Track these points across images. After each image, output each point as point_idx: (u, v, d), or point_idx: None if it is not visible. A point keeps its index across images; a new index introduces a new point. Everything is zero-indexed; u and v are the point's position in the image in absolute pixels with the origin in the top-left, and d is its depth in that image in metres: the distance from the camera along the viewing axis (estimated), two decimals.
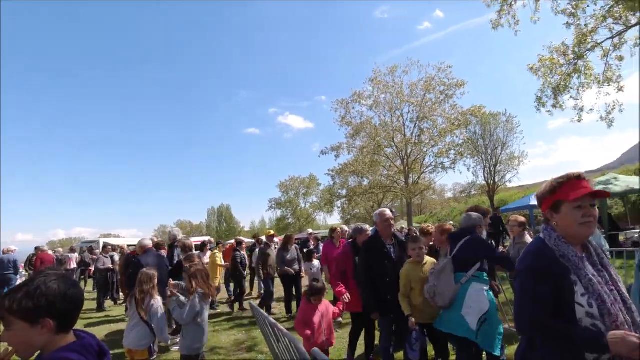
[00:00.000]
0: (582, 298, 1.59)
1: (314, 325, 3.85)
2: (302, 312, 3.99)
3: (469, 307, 3.22)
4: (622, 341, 1.46)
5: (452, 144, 23.05)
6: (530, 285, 1.71)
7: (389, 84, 23.73)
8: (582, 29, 11.65)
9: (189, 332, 3.79)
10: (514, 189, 35.99)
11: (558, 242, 1.70)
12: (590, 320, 1.56)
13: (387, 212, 4.23)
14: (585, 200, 1.67)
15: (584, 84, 12.31)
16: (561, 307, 1.62)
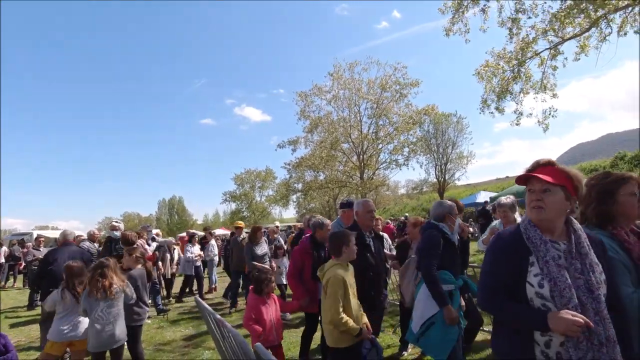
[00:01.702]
0: (534, 278, 1.63)
1: (265, 322, 3.69)
2: (250, 308, 3.78)
3: (417, 309, 3.07)
4: (559, 318, 1.51)
5: (407, 141, 23.89)
6: (487, 265, 1.82)
7: (348, 79, 24.03)
8: (523, 39, 12.44)
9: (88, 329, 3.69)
10: (462, 186, 37.88)
11: (527, 226, 1.73)
12: (541, 300, 1.60)
13: (371, 203, 3.89)
14: (535, 185, 1.71)
15: (523, 90, 13.18)
16: (517, 286, 1.67)
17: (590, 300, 1.57)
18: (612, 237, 1.90)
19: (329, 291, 2.92)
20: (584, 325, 1.48)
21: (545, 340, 1.61)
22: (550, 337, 1.59)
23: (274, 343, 3.76)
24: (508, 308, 1.67)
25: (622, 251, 1.85)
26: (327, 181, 26.25)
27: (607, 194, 1.96)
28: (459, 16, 13.00)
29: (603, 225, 1.94)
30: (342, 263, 3.06)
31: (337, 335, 2.97)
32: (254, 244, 7.17)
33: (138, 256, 4.43)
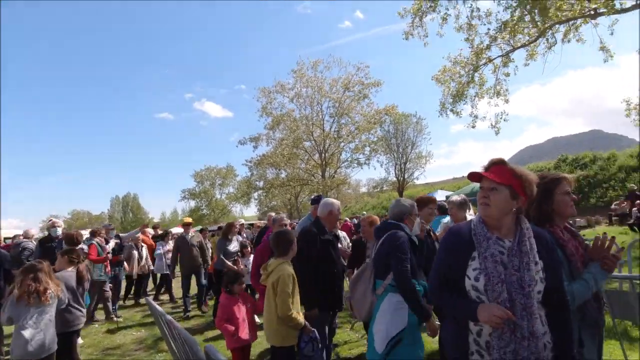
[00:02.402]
0: (473, 272, 1.71)
1: (238, 321, 3.62)
2: (222, 308, 3.69)
3: (380, 324, 2.71)
4: (485, 310, 1.61)
5: (368, 140, 24.30)
6: (437, 259, 1.91)
7: (311, 77, 24.05)
8: (478, 45, 13.04)
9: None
10: (421, 185, 39.13)
11: (477, 222, 1.81)
12: (476, 293, 1.70)
13: (338, 203, 3.91)
14: (485, 183, 1.80)
15: (478, 94, 13.83)
16: (459, 279, 1.76)
17: (520, 296, 1.65)
18: (549, 233, 1.98)
19: (280, 287, 2.95)
20: (505, 318, 1.57)
21: (478, 329, 1.72)
22: (481, 327, 1.70)
23: (247, 342, 3.70)
24: (449, 299, 1.79)
25: (557, 247, 1.95)
26: (288, 179, 26.15)
27: (547, 194, 2.07)
28: (418, 21, 13.40)
29: (542, 223, 2.04)
30: (287, 261, 3.10)
31: (285, 333, 2.99)
32: (227, 240, 6.81)
33: (73, 257, 4.11)
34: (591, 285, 1.90)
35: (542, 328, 1.67)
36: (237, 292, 3.78)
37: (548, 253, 1.78)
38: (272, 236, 3.39)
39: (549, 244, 1.82)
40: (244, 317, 3.71)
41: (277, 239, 3.18)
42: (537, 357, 1.62)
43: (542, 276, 1.71)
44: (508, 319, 1.58)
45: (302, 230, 3.82)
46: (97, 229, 7.52)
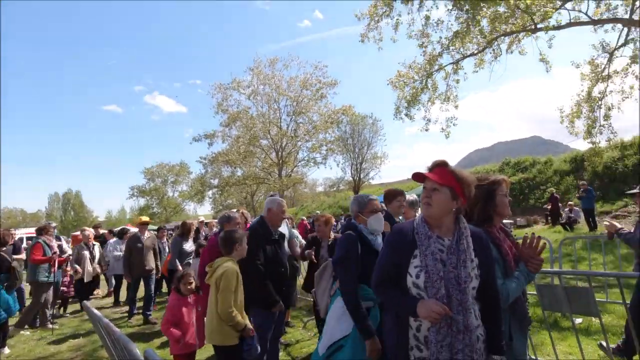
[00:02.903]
0: (414, 269, 1.79)
1: (186, 325, 3.45)
2: (170, 310, 3.49)
3: (327, 325, 2.60)
4: (423, 305, 1.68)
5: (325, 140, 24.46)
6: (381, 255, 1.96)
7: (268, 75, 23.80)
8: (431, 52, 13.58)
9: None
10: (376, 185, 40.08)
11: (419, 221, 1.88)
12: (416, 289, 1.77)
13: (284, 203, 3.86)
14: (428, 183, 1.87)
15: (431, 99, 14.40)
16: (401, 275, 1.82)
17: (457, 292, 1.73)
18: (486, 233, 2.07)
19: (223, 284, 2.87)
20: (442, 314, 1.64)
21: (417, 325, 1.78)
22: (420, 322, 1.76)
23: (194, 349, 3.55)
24: (391, 295, 1.86)
25: (493, 247, 2.06)
26: (244, 177, 25.67)
27: (489, 195, 2.18)
28: (374, 24, 13.69)
29: (481, 223, 2.14)
30: (233, 259, 3.05)
31: (225, 332, 2.91)
32: (184, 240, 6.52)
33: None
34: (523, 282, 2.03)
35: (476, 322, 1.77)
36: (186, 292, 3.61)
37: (483, 251, 1.88)
38: (220, 235, 3.32)
39: (484, 243, 1.92)
40: (193, 321, 3.54)
41: (223, 238, 3.13)
42: (471, 349, 1.72)
43: (477, 273, 1.80)
44: (445, 314, 1.65)
45: (250, 229, 3.74)
46: (46, 226, 6.88)
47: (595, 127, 12.77)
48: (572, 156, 20.14)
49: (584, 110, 13.06)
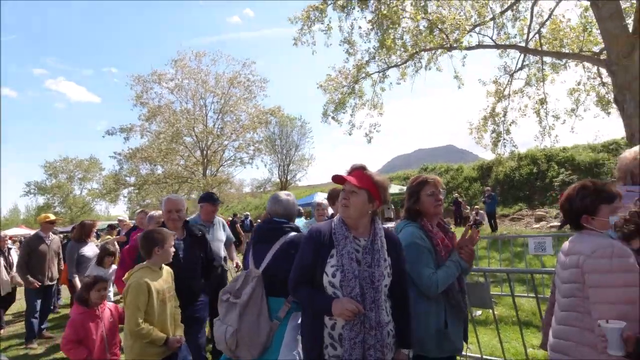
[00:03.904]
0: (330, 269, 1.84)
1: (93, 341, 2.94)
2: (73, 325, 2.92)
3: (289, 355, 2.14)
4: (338, 304, 1.73)
5: (252, 140, 23.98)
6: (298, 256, 2.00)
7: (194, 69, 22.64)
8: (359, 60, 14.07)
9: None
10: (303, 187, 40.48)
11: (337, 222, 1.96)
12: (332, 288, 1.83)
13: (175, 201, 3.29)
14: (346, 186, 1.94)
15: (357, 105, 14.91)
16: (318, 275, 1.87)
17: (371, 290, 1.82)
18: (421, 227, 2.27)
19: (128, 298, 2.57)
20: (356, 311, 1.71)
21: (332, 323, 1.83)
22: (335, 320, 1.82)
23: None
24: (308, 294, 1.89)
25: (427, 239, 2.22)
26: (165, 176, 24.04)
27: (414, 194, 2.34)
28: (307, 29, 13.80)
29: (415, 218, 2.32)
30: (151, 266, 2.72)
31: (140, 349, 2.60)
32: (81, 244, 5.49)
33: None
34: (453, 271, 2.14)
35: (387, 318, 1.88)
36: (97, 301, 3.05)
37: (395, 251, 1.99)
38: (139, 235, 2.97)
39: (397, 243, 2.04)
40: (103, 335, 3.02)
41: (142, 238, 2.78)
42: (382, 344, 1.80)
43: (389, 271, 1.92)
44: (359, 311, 1.72)
45: (143, 232, 3.36)
46: None
47: (500, 140, 14.31)
48: (480, 165, 22.35)
49: (489, 124, 14.55)
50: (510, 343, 4.01)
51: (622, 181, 1.91)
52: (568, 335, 1.80)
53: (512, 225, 16.17)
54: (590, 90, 13.48)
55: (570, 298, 1.80)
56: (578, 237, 1.88)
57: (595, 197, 1.82)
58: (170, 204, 3.27)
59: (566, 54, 12.06)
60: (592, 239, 1.78)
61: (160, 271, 2.77)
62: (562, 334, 1.83)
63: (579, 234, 1.89)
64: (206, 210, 4.17)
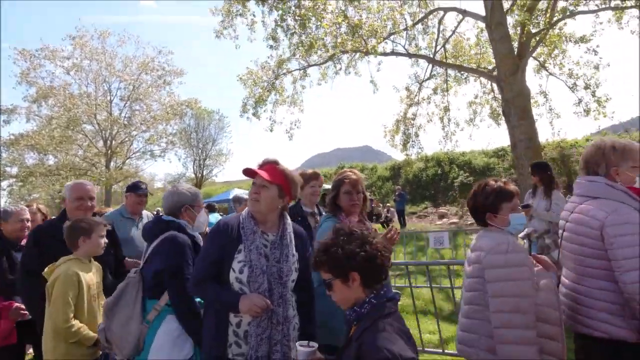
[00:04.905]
0: (237, 264, 1.80)
1: None
2: None
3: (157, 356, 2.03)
4: (246, 300, 1.70)
5: (165, 132, 22.36)
6: (202, 251, 1.95)
7: (97, 50, 20.30)
8: (281, 56, 13.98)
9: None
10: (220, 183, 39.08)
11: (245, 216, 1.91)
12: (239, 285, 1.79)
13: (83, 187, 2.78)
14: (257, 179, 1.89)
15: (278, 101, 14.81)
16: (224, 271, 1.82)
17: (278, 285, 1.82)
18: (339, 222, 2.33)
19: (56, 292, 2.26)
20: (265, 307, 1.70)
21: (237, 320, 1.79)
22: (241, 318, 1.78)
23: None
24: (213, 291, 1.81)
25: None
26: (58, 167, 21.14)
27: (335, 189, 2.47)
28: (229, 22, 13.30)
29: (335, 212, 2.42)
30: (79, 258, 2.43)
31: (65, 349, 2.26)
32: None
33: None
34: None
35: (293, 312, 1.89)
36: None
37: (303, 246, 2.02)
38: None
39: (304, 238, 2.07)
40: None
41: (66, 228, 2.45)
42: (288, 339, 1.81)
43: (297, 266, 1.93)
44: (267, 307, 1.72)
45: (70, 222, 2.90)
46: None
47: (409, 142, 15.40)
48: (392, 165, 23.85)
49: (401, 128, 15.57)
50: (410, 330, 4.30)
51: (583, 172, 2.02)
52: (472, 328, 1.85)
53: (419, 221, 17.58)
54: (485, 103, 15.23)
55: (473, 292, 1.87)
56: (482, 234, 1.97)
57: (496, 195, 1.90)
58: (81, 191, 2.77)
59: (466, 69, 13.45)
60: (492, 235, 1.87)
61: (89, 264, 2.52)
62: (467, 327, 1.88)
63: (483, 230, 1.98)
64: (131, 201, 3.70)
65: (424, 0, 12.88)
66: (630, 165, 1.88)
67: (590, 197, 1.92)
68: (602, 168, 1.93)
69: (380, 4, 12.81)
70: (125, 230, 3.50)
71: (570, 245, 1.94)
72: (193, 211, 2.34)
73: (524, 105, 10.02)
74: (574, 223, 1.93)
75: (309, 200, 3.14)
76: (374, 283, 1.42)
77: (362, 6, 12.53)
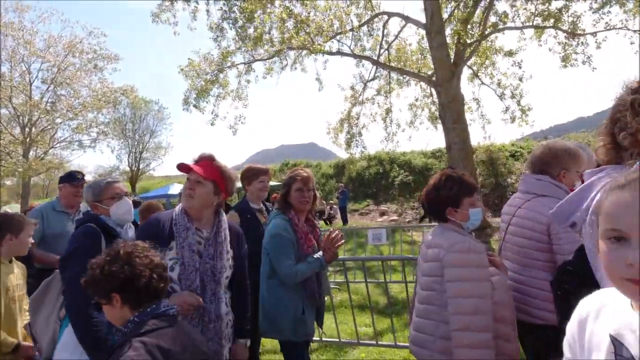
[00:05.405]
0: (169, 262, 1.74)
1: None
2: None
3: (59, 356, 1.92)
4: (176, 298, 1.65)
5: (96, 121, 20.65)
6: None
7: (13, 24, 18.13)
8: (225, 48, 13.55)
9: None
10: (160, 177, 37.11)
11: (179, 212, 1.88)
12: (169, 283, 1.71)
13: None
14: (192, 175, 1.86)
15: (221, 95, 14.35)
16: None
17: (212, 282, 1.82)
18: (288, 220, 2.35)
19: None
20: (196, 304, 1.69)
21: None
22: None
23: None
24: None
25: (292, 232, 2.32)
26: None
27: (286, 187, 2.44)
28: (168, 5, 12.62)
29: (285, 210, 2.40)
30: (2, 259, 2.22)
31: None
32: None
33: None
34: (314, 267, 2.28)
35: (226, 309, 1.89)
36: None
37: (238, 243, 2.03)
38: None
39: (240, 237, 2.08)
40: None
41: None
42: (220, 336, 1.81)
43: (231, 264, 1.94)
44: (199, 305, 1.70)
45: None
46: None
47: (353, 141, 15.74)
48: (336, 163, 24.24)
49: (345, 126, 15.86)
50: (348, 324, 4.41)
51: (530, 170, 2.11)
52: (427, 329, 1.78)
53: (361, 219, 18.07)
54: (424, 106, 16.02)
55: (429, 292, 1.80)
56: (439, 230, 1.86)
57: (459, 188, 1.80)
58: None
59: (408, 72, 14.04)
60: (450, 232, 1.78)
61: (11, 265, 2.30)
62: (422, 328, 1.81)
63: (440, 226, 1.88)
64: (65, 192, 3.33)
65: (369, 3, 13.21)
66: (576, 169, 1.99)
67: (536, 195, 2.01)
68: (554, 169, 2.00)
69: (328, 2, 12.92)
70: (58, 225, 3.23)
71: (515, 239, 2.05)
72: (102, 206, 2.17)
73: (458, 110, 10.70)
74: (521, 218, 2.03)
75: (256, 196, 3.07)
76: (140, 303, 1.34)
77: (310, 4, 12.55)
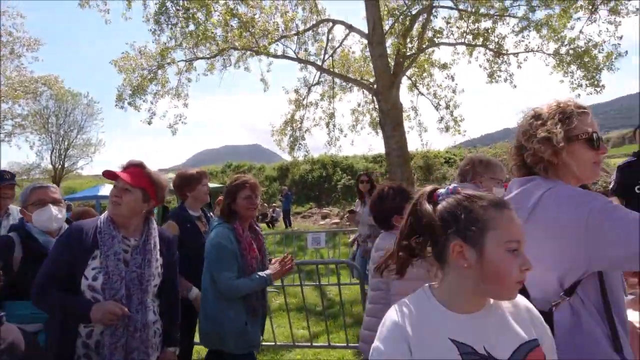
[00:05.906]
0: (92, 271, 1.72)
1: None
2: None
3: None
4: (98, 308, 1.62)
5: (11, 112, 18.57)
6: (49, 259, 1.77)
7: None
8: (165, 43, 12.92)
9: None
10: (88, 177, 34.38)
11: (104, 220, 1.83)
12: (91, 292, 1.70)
13: None
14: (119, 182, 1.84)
15: (159, 93, 13.67)
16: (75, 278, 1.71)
17: (138, 291, 1.79)
18: (232, 229, 2.32)
19: None
20: (120, 314, 1.66)
21: (88, 331, 1.71)
22: (92, 327, 1.71)
23: None
24: (58, 301, 1.70)
25: (236, 242, 2.29)
26: None
27: (231, 195, 2.38)
28: None
29: (230, 220, 2.35)
30: None
31: None
32: None
33: None
34: (258, 283, 2.30)
35: (154, 317, 1.87)
36: None
37: (168, 251, 2.01)
38: None
39: (171, 244, 2.06)
40: None
41: None
42: (146, 345, 1.78)
43: (160, 271, 1.93)
44: (123, 314, 1.67)
45: None
46: None
47: (296, 144, 15.81)
48: (280, 165, 24.23)
49: (289, 129, 15.90)
50: (284, 327, 4.45)
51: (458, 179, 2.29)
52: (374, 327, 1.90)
53: (304, 221, 18.21)
54: (366, 112, 16.57)
55: (377, 291, 1.95)
56: (385, 235, 2.03)
57: (401, 198, 1.97)
58: None
59: (350, 79, 14.45)
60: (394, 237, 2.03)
61: None
62: (371, 326, 1.90)
63: (387, 232, 2.04)
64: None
65: (315, 8, 13.41)
66: (490, 176, 2.22)
67: None
68: (470, 176, 2.26)
69: (273, 3, 12.89)
70: None
71: None
72: (27, 212, 2.15)
73: (397, 118, 11.23)
74: None
75: (201, 200, 3.01)
76: None
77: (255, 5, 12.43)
